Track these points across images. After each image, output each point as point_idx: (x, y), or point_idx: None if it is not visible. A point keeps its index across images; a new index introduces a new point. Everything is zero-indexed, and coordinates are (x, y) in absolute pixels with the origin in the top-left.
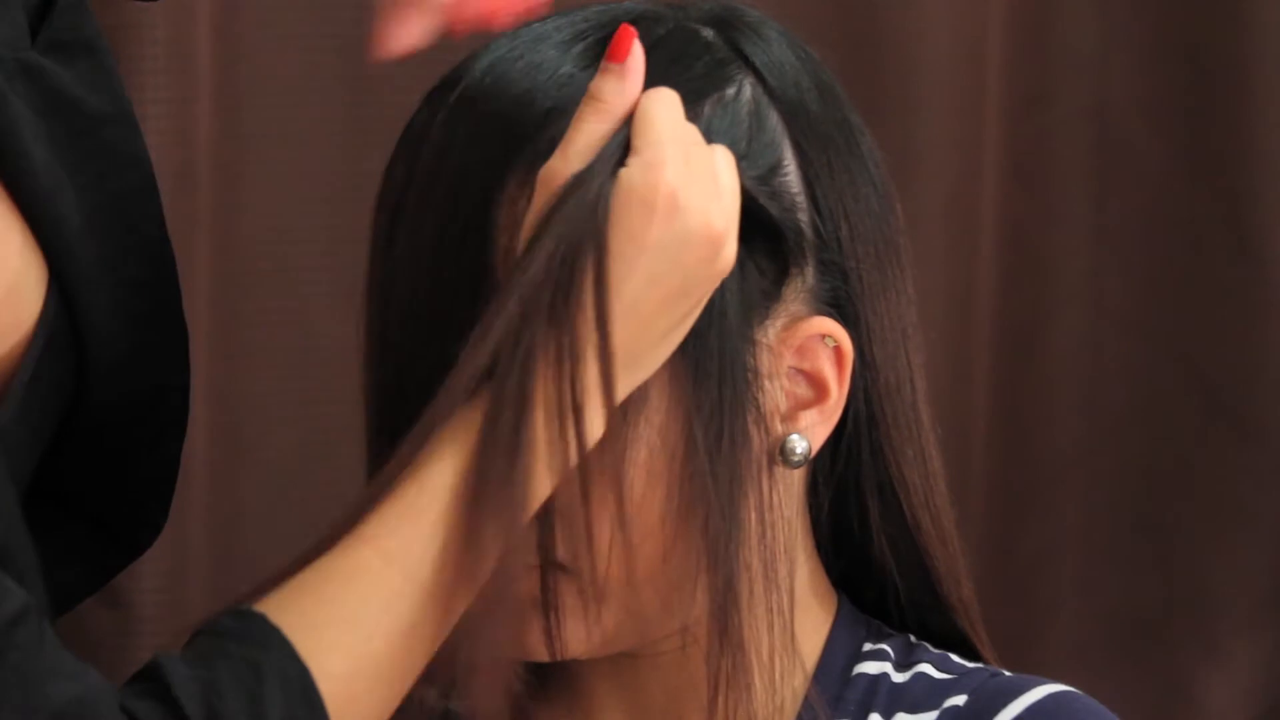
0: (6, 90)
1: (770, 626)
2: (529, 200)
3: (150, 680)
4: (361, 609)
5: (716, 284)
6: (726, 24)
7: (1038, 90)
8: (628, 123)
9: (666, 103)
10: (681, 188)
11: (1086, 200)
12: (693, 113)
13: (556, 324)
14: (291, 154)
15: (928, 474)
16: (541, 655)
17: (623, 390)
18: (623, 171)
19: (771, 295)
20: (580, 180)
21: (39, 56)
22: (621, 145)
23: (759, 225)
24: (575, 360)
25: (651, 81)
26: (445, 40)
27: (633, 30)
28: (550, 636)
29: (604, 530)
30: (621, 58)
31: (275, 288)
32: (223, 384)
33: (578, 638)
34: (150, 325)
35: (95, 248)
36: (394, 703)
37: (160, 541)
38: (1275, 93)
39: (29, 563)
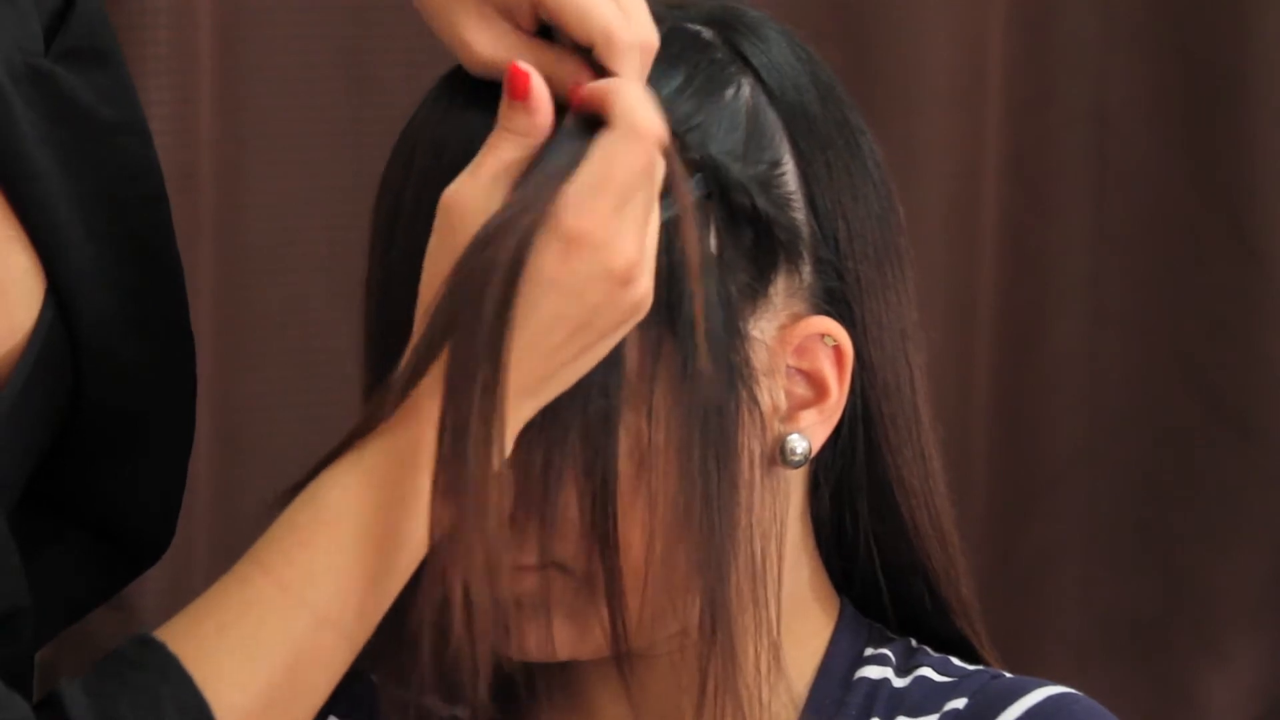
0: (11, 91)
1: (760, 628)
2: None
3: (50, 708)
4: (258, 639)
5: (630, 318)
6: (726, 24)
7: (1038, 90)
8: (544, 148)
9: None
10: (592, 230)
11: (1086, 200)
12: (691, 114)
13: (461, 353)
14: (293, 155)
15: (926, 474)
16: (541, 656)
17: (517, 421)
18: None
19: (758, 289)
20: (508, 217)
21: (51, 64)
22: (559, 176)
23: (744, 219)
24: (474, 390)
25: (650, 83)
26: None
27: (524, 71)
28: (549, 637)
29: (607, 530)
30: (521, 96)
31: (277, 288)
32: (225, 385)
33: (577, 638)
34: (153, 335)
35: (97, 256)
36: None
37: None
38: (1274, 93)
39: (9, 564)
